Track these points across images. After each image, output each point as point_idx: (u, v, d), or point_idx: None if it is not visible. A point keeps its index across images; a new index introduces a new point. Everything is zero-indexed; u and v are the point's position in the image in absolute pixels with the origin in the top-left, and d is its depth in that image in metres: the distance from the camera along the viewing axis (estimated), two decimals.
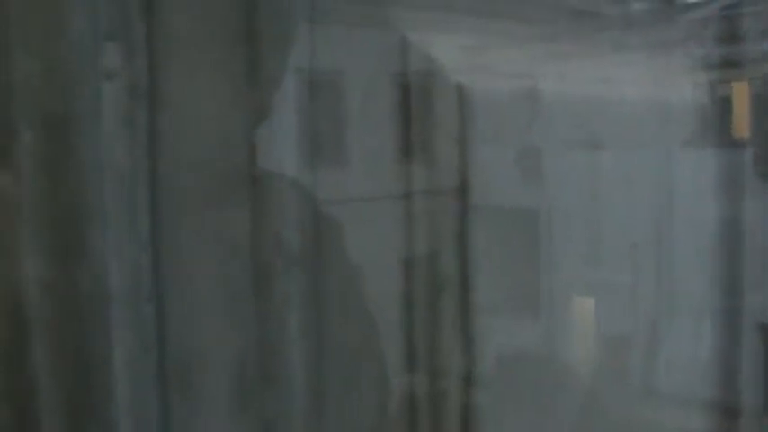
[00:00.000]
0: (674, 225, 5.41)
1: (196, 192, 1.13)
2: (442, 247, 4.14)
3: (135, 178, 1.08)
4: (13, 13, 0.97)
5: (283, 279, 1.21)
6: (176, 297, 1.11)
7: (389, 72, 4.52)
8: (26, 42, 1.06)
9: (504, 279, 4.46)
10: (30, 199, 1.06)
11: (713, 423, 5.01)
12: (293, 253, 1.22)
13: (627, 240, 5.23)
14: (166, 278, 1.10)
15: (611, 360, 5.10)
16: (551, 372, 4.70)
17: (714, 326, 5.20)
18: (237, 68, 1.16)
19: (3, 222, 1.03)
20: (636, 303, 5.33)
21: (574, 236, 4.95)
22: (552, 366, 4.75)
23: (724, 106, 5.80)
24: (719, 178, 5.44)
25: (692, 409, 5.06)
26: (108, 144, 1.08)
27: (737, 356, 5.03)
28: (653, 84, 5.38)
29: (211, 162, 1.14)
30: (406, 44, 4.12)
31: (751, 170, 5.50)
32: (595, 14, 5.76)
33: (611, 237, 5.13)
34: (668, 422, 5.08)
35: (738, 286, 5.21)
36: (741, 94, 5.83)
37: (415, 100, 4.32)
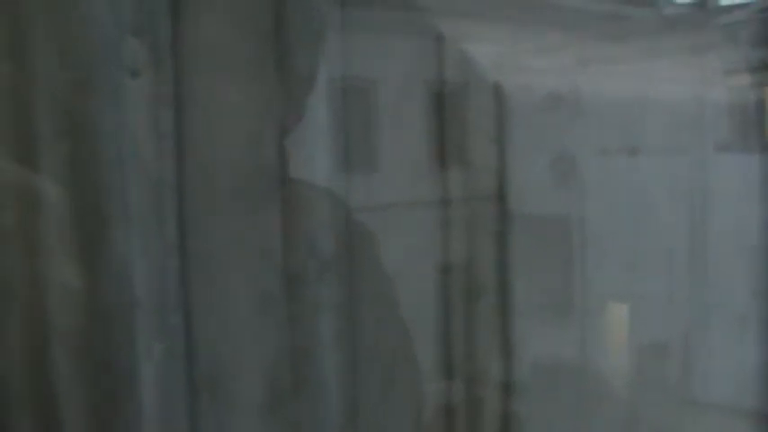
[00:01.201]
0: (711, 231, 5.34)
1: (225, 195, 1.11)
2: (479, 254, 4.11)
3: (161, 180, 1.06)
4: (33, 5, 0.96)
5: (315, 284, 1.19)
6: (205, 303, 1.09)
7: (423, 78, 4.51)
8: (47, 36, 1.04)
9: (541, 285, 4.42)
10: (53, 201, 1.05)
11: None
12: (325, 257, 1.20)
13: (664, 246, 5.17)
14: (195, 283, 1.08)
15: (650, 368, 5.03)
16: (589, 379, 4.65)
17: (754, 334, 5.12)
18: (268, 68, 1.14)
19: (27, 226, 1.02)
20: (673, 310, 5.26)
21: (610, 242, 4.90)
22: (590, 374, 4.70)
23: (760, 110, 5.72)
24: (757, 183, 5.36)
25: (732, 418, 4.98)
26: (133, 144, 1.06)
27: None
28: (688, 88, 5.33)
29: (240, 164, 1.12)
30: (440, 50, 4.11)
31: None
32: (628, 19, 5.72)
33: (647, 243, 5.07)
34: (707, 431, 5.01)
35: None
36: None
37: (449, 106, 4.31)
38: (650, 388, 4.99)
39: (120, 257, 1.05)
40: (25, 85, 0.99)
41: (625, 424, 4.71)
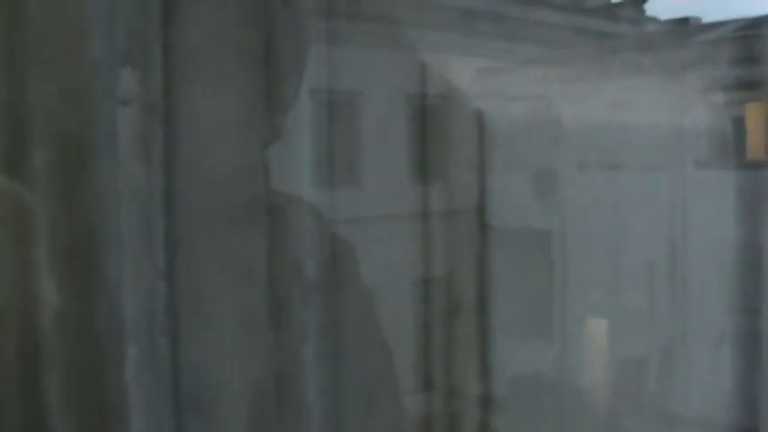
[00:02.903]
0: (690, 247, 5.37)
1: (212, 221, 1.10)
2: (459, 268, 4.12)
3: (151, 207, 1.06)
4: (32, 35, 0.96)
5: (301, 308, 1.19)
6: (192, 326, 1.09)
7: (407, 93, 4.53)
8: (45, 66, 1.04)
9: (521, 300, 4.44)
10: (45, 225, 1.04)
11: None
12: (310, 280, 1.20)
13: (643, 262, 5.20)
14: (182, 308, 1.08)
15: (628, 382, 5.06)
16: (568, 393, 4.66)
17: (731, 349, 5.15)
18: (253, 90, 1.13)
19: (18, 251, 1.01)
20: (652, 325, 5.29)
21: (590, 257, 4.93)
22: (569, 388, 4.72)
23: (738, 127, 5.78)
24: (735, 199, 5.41)
25: (709, 431, 5.00)
26: (124, 170, 1.06)
27: (756, 380, 4.97)
28: (668, 105, 5.37)
29: (228, 188, 1.12)
30: (423, 66, 4.13)
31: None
32: (610, 36, 5.77)
33: (626, 258, 5.10)
34: None
35: (756, 308, 5.17)
36: (755, 115, 5.82)
37: (431, 121, 4.33)
38: (628, 402, 5.01)
39: (109, 281, 1.04)
40: (20, 114, 0.99)
41: None
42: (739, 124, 5.70)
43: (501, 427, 4.07)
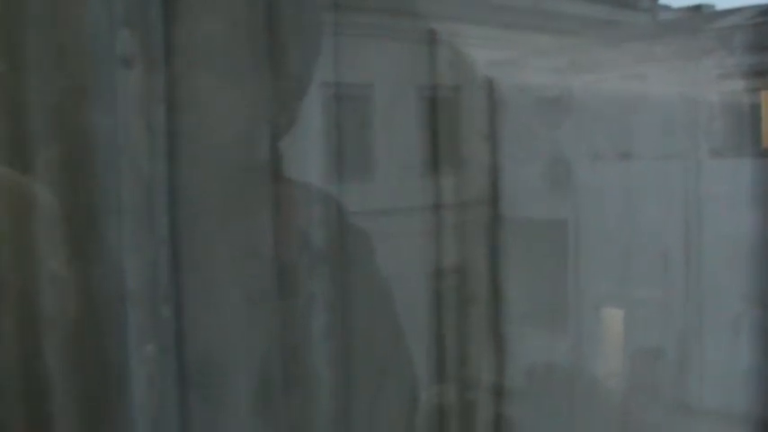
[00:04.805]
0: (705, 236, 5.34)
1: (217, 190, 1.09)
2: (472, 259, 4.12)
3: (153, 174, 1.05)
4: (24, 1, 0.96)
5: (308, 278, 1.17)
6: (196, 297, 1.08)
7: (418, 85, 4.52)
8: (38, 30, 1.03)
9: (535, 290, 4.42)
10: (44, 194, 1.03)
11: None
12: (318, 250, 1.18)
13: (657, 251, 5.17)
14: (186, 277, 1.07)
15: (643, 372, 5.04)
16: (582, 384, 4.65)
17: (747, 339, 5.12)
18: (261, 66, 1.12)
19: (17, 218, 1.01)
20: (667, 316, 5.27)
21: (604, 246, 4.91)
22: (583, 378, 4.71)
23: (754, 115, 5.73)
24: (750, 188, 5.37)
25: (726, 422, 4.98)
26: (125, 137, 1.05)
27: None
28: (682, 93, 5.34)
29: (232, 160, 1.10)
30: (433, 55, 4.12)
31: None
32: (623, 24, 5.73)
33: (640, 248, 5.08)
34: None
35: None
36: None
37: (443, 112, 4.31)
38: (643, 392, 4.99)
39: (111, 250, 1.03)
40: (15, 78, 0.98)
41: (618, 427, 4.72)
42: (755, 112, 5.66)
43: (515, 417, 4.07)
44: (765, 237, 5.13)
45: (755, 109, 5.66)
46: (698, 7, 6.27)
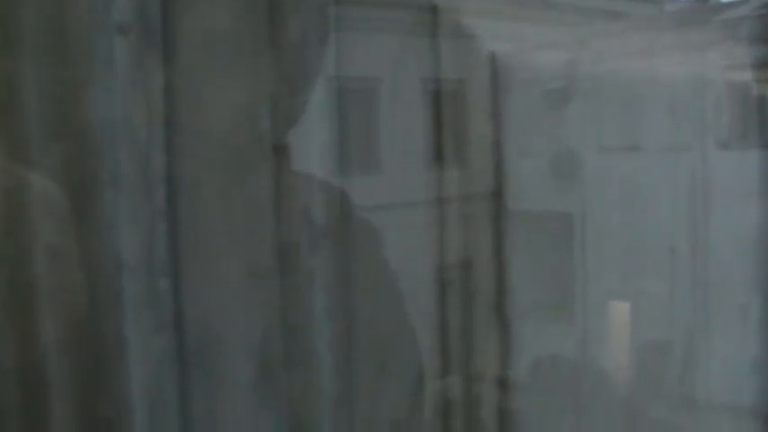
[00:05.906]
0: (712, 228, 5.32)
1: (216, 162, 1.08)
2: (477, 253, 4.11)
3: (151, 144, 1.04)
4: None
5: (309, 253, 1.16)
6: (194, 271, 1.07)
7: (423, 78, 4.51)
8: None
9: (541, 284, 4.42)
10: (39, 161, 1.02)
11: (754, 431, 4.92)
12: (320, 226, 1.16)
13: (664, 244, 5.16)
14: (184, 249, 1.05)
15: (650, 366, 5.03)
16: (588, 377, 4.65)
17: (755, 333, 5.11)
18: (263, 39, 1.11)
19: (10, 188, 1.00)
20: (674, 309, 5.26)
21: (610, 239, 4.90)
22: (589, 372, 4.70)
23: (761, 106, 5.70)
24: (758, 179, 5.35)
25: (733, 415, 4.97)
26: (122, 105, 1.03)
27: None
28: (689, 85, 5.31)
29: (232, 133, 1.09)
30: (439, 50, 4.11)
31: None
32: (630, 15, 5.71)
33: (647, 241, 5.06)
34: (707, 429, 5.00)
35: None
36: None
37: (448, 105, 4.31)
38: (650, 386, 4.99)
39: (107, 220, 1.02)
40: (9, 48, 0.97)
41: (625, 421, 4.72)
42: (762, 103, 5.63)
43: (521, 410, 4.07)
44: None
45: (763, 100, 5.63)
46: None
